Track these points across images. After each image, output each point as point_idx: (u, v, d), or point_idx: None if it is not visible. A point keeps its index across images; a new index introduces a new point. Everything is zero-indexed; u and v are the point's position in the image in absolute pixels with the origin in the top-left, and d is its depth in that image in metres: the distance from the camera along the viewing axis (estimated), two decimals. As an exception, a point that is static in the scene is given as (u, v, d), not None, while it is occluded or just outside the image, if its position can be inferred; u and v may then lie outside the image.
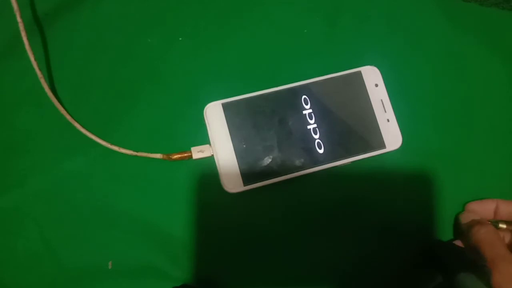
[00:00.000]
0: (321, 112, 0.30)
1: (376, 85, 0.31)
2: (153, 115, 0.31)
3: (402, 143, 0.30)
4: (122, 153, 0.30)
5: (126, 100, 0.32)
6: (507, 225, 0.29)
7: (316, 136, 0.30)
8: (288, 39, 0.33)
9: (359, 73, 0.31)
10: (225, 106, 0.30)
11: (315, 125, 0.30)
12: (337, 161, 0.30)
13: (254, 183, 0.29)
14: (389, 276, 0.30)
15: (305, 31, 0.33)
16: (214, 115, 0.30)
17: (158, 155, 0.30)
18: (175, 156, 0.30)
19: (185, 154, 0.30)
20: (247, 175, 0.29)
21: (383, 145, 0.30)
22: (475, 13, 0.34)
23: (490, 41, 0.34)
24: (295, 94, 0.30)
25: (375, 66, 0.31)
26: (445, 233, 0.31)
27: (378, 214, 0.31)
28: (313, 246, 0.30)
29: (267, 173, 0.29)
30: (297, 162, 0.29)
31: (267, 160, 0.29)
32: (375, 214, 0.31)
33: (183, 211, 0.30)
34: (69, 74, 0.32)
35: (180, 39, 0.33)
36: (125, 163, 0.30)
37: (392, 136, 0.30)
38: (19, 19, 0.29)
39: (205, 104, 0.30)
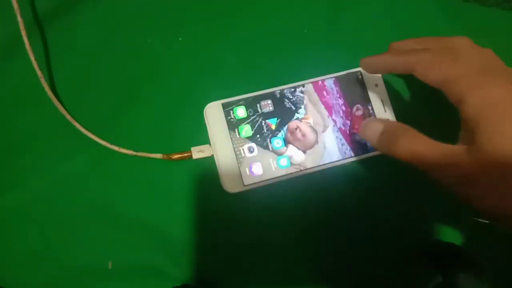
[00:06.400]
0: (320, 112, 0.30)
1: (376, 85, 0.31)
2: (153, 115, 0.31)
3: (402, 143, 0.30)
4: (122, 153, 0.30)
5: (126, 100, 0.32)
6: None
7: (316, 136, 0.30)
8: (288, 39, 0.33)
9: (359, 73, 0.31)
10: (225, 106, 0.30)
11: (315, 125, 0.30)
12: (337, 161, 0.29)
13: (254, 183, 0.29)
14: (389, 276, 0.30)
15: (305, 31, 0.33)
16: (214, 115, 0.30)
17: (158, 155, 0.30)
18: (175, 156, 0.30)
19: (185, 154, 0.30)
20: (247, 175, 0.29)
21: (383, 145, 0.30)
22: (475, 13, 0.34)
23: (490, 41, 0.34)
24: (294, 94, 0.30)
25: (375, 66, 0.31)
26: (445, 233, 0.31)
27: (378, 214, 0.31)
28: (313, 245, 0.30)
29: (267, 173, 0.29)
30: (297, 162, 0.29)
31: (267, 160, 0.29)
32: (375, 214, 0.31)
33: (183, 211, 0.30)
34: (69, 74, 0.32)
35: (180, 39, 0.33)
36: (125, 163, 0.30)
37: (392, 136, 0.30)
38: (19, 18, 0.29)
39: (205, 104, 0.30)
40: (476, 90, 0.20)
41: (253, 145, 0.29)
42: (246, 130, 0.29)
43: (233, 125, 0.29)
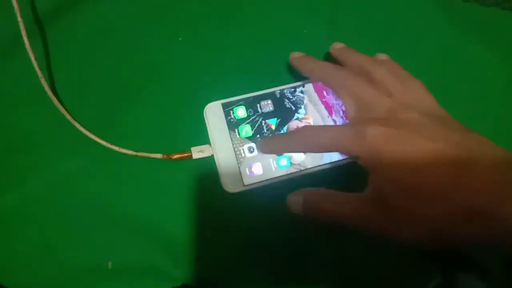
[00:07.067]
0: (320, 112, 0.30)
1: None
2: (153, 115, 0.31)
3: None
4: (122, 153, 0.30)
5: (126, 100, 0.32)
6: None
7: (316, 136, 0.30)
8: (288, 39, 0.33)
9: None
10: (225, 106, 0.30)
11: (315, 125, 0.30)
12: (337, 161, 0.29)
13: (254, 183, 0.29)
14: (389, 276, 0.30)
15: (305, 31, 0.33)
16: (214, 115, 0.30)
17: (158, 155, 0.30)
18: (175, 156, 0.30)
19: (185, 154, 0.30)
20: (247, 175, 0.29)
21: (383, 145, 0.30)
22: (475, 13, 0.34)
23: (490, 41, 0.34)
24: (294, 94, 0.30)
25: (375, 66, 0.31)
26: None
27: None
28: (313, 246, 0.30)
29: (267, 173, 0.29)
30: (297, 162, 0.29)
31: (267, 160, 0.29)
32: (375, 214, 0.31)
33: (183, 211, 0.30)
34: (69, 74, 0.32)
35: (180, 39, 0.33)
36: (125, 163, 0.30)
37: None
38: (19, 18, 0.29)
39: (205, 104, 0.30)
40: (360, 150, 0.23)
41: (253, 145, 0.29)
42: (246, 130, 0.29)
43: (233, 125, 0.29)
